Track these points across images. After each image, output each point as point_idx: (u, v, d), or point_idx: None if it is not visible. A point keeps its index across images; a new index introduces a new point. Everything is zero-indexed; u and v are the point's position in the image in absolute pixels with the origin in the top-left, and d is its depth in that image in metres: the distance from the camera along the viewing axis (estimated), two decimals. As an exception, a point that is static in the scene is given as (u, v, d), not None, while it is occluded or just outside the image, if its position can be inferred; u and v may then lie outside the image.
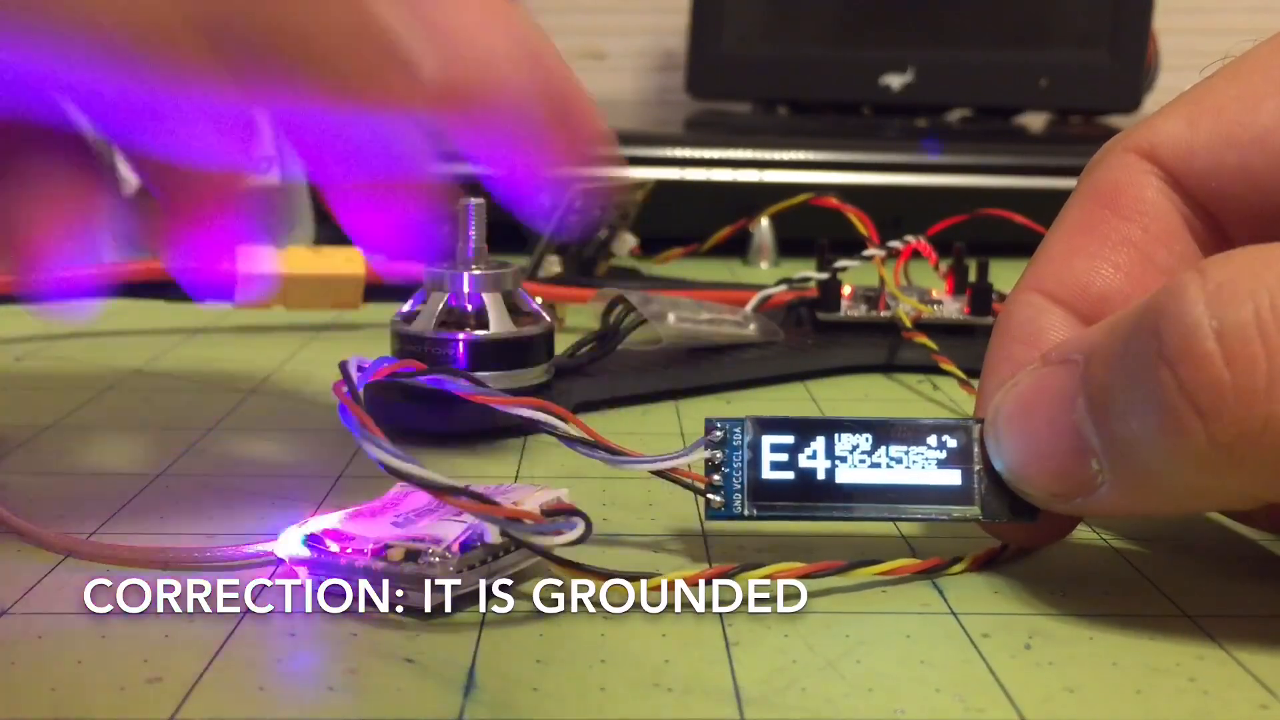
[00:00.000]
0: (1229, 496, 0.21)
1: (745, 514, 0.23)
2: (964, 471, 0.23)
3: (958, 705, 0.19)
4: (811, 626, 0.21)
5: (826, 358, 0.40)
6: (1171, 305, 0.19)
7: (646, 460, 0.24)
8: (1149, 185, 0.24)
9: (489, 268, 0.33)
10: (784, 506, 0.23)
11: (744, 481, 0.23)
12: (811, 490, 0.23)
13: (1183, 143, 0.24)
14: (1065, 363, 0.21)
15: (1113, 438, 0.20)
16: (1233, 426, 0.18)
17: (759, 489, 0.23)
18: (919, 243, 0.43)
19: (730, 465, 0.23)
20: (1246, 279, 0.19)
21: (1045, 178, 0.61)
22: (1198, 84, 0.24)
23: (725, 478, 0.23)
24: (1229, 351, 0.18)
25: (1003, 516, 0.23)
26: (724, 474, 0.23)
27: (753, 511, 0.23)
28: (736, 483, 0.23)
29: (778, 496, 0.23)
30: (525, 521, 0.21)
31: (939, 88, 0.83)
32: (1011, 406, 0.22)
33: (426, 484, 0.20)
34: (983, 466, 0.23)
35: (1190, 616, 0.22)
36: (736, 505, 0.23)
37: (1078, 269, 0.24)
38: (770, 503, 0.23)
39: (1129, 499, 0.21)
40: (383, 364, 0.23)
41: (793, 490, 0.23)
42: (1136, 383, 0.19)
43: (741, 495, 0.23)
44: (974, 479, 0.23)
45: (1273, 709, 0.19)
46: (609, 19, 1.10)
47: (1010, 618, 0.22)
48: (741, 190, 0.61)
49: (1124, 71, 0.80)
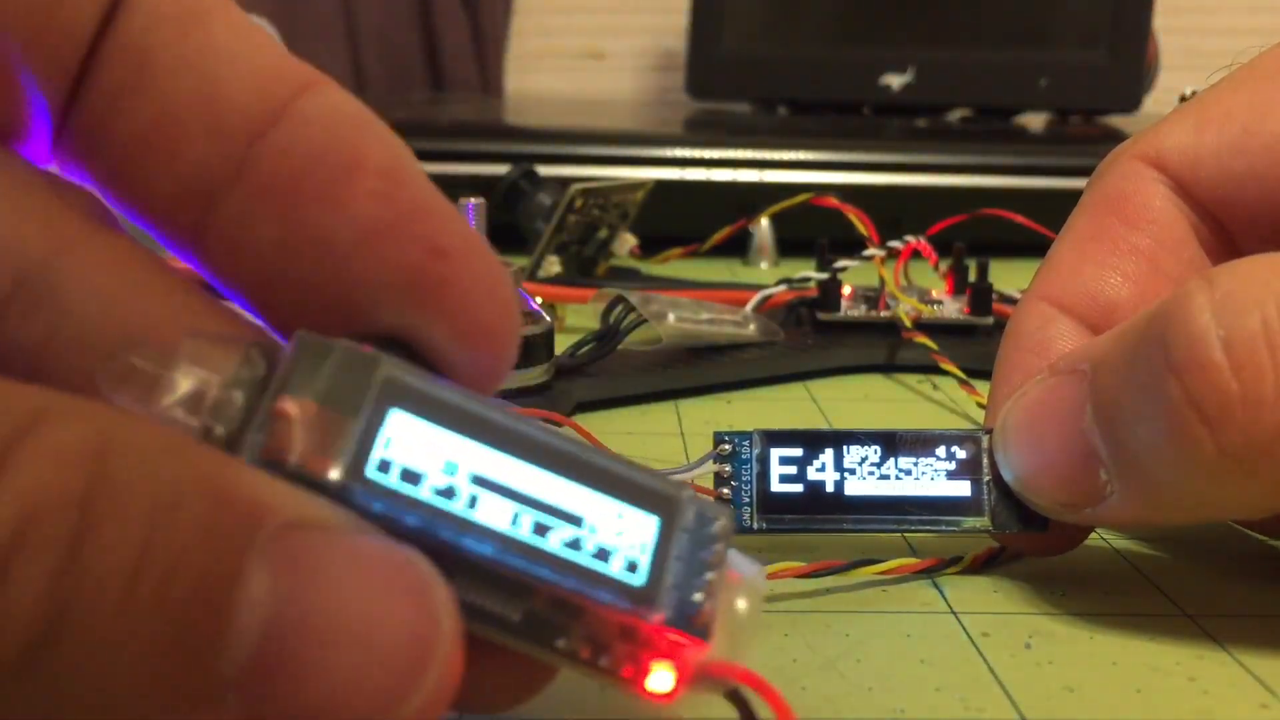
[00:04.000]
0: (1239, 506, 0.21)
1: (755, 527, 0.23)
2: (973, 482, 0.23)
3: (958, 705, 0.19)
4: (811, 626, 0.21)
5: (826, 358, 0.40)
6: (1178, 314, 0.19)
7: None
8: (1156, 193, 0.24)
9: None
10: (793, 519, 0.23)
11: (753, 495, 0.23)
12: (821, 503, 0.23)
13: (1190, 150, 0.24)
14: (1073, 372, 0.21)
15: (1121, 447, 0.20)
16: (1241, 436, 0.18)
17: (768, 502, 0.23)
18: (919, 243, 0.43)
19: (739, 479, 0.23)
20: (1254, 288, 0.18)
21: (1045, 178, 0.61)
22: (1204, 91, 0.24)
23: (734, 491, 0.23)
24: (1236, 361, 0.18)
25: (1013, 527, 0.23)
26: (733, 488, 0.23)
27: (762, 525, 0.23)
28: (745, 496, 0.23)
29: (787, 509, 0.23)
30: None
31: (939, 88, 0.83)
32: (1020, 417, 0.22)
33: None
34: (992, 477, 0.23)
35: (1190, 616, 0.22)
36: (746, 519, 0.23)
37: (1086, 278, 0.24)
38: (779, 515, 0.23)
39: (1138, 509, 0.21)
40: None
41: (802, 503, 0.23)
42: (1144, 392, 0.19)
43: (751, 509, 0.23)
44: (983, 490, 0.23)
45: (1273, 709, 0.19)
46: (609, 19, 1.10)
47: (1010, 617, 0.22)
48: (741, 190, 0.61)
49: (1124, 71, 0.80)
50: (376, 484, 0.14)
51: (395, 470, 0.14)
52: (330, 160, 0.16)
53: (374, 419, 0.15)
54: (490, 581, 0.15)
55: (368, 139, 0.16)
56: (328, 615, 0.13)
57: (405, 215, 0.16)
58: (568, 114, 0.90)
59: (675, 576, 0.15)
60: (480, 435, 0.15)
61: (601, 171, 0.59)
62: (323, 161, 0.16)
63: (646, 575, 0.15)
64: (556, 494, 0.15)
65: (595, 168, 0.59)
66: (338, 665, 0.13)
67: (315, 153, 0.16)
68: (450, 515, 0.15)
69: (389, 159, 0.16)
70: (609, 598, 0.15)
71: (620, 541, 0.15)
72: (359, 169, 0.16)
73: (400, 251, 0.16)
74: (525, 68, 1.11)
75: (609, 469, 0.15)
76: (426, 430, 0.15)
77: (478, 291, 0.16)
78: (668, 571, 0.15)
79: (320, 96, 0.16)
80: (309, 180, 0.16)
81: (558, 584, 0.15)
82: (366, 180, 0.16)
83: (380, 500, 0.14)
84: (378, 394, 0.15)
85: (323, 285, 0.16)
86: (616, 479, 0.15)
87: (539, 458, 0.15)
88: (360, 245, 0.16)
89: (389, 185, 0.16)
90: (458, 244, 0.16)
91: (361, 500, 0.14)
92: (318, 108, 0.16)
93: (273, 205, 0.16)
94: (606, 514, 0.15)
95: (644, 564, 0.15)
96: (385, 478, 0.14)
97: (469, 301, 0.16)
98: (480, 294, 0.16)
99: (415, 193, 0.16)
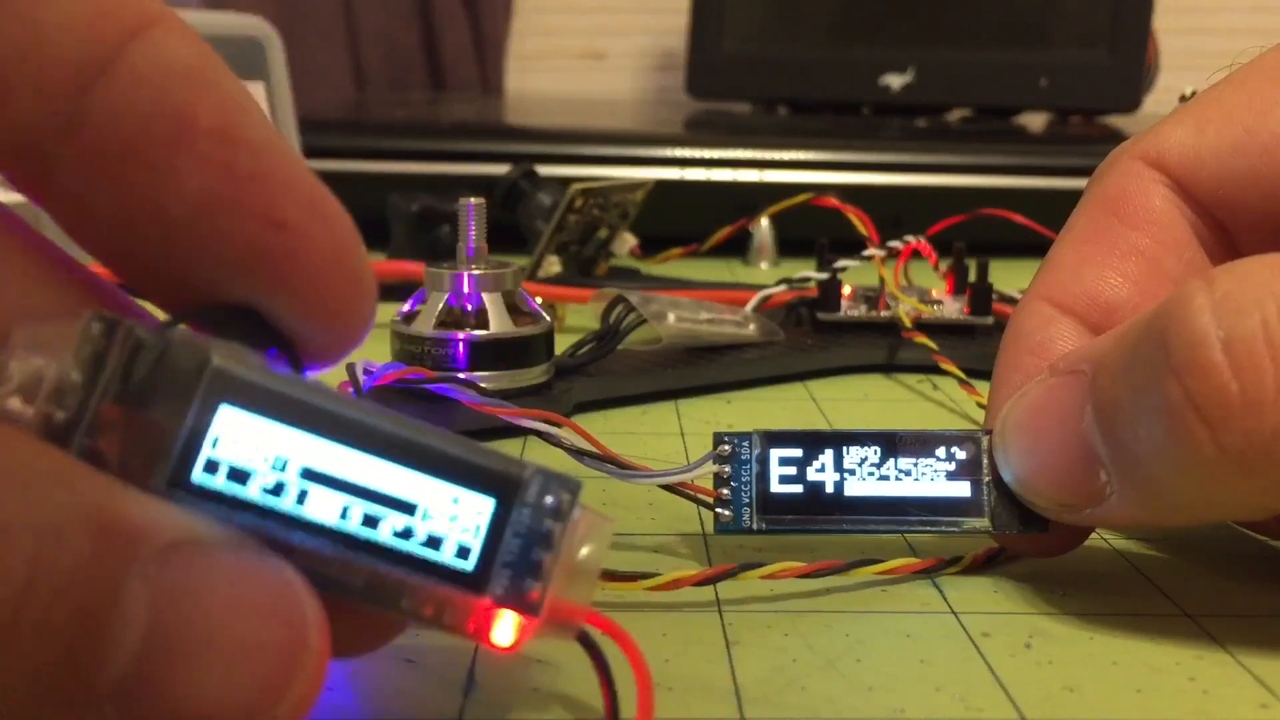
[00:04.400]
0: (1239, 507, 0.21)
1: (754, 528, 0.23)
2: (973, 483, 0.23)
3: (958, 704, 0.19)
4: (811, 626, 0.21)
5: (826, 358, 0.40)
6: (1178, 315, 0.19)
7: (655, 475, 0.24)
8: (1157, 193, 0.24)
9: (489, 267, 0.33)
10: (793, 520, 0.23)
11: (753, 495, 0.23)
12: (820, 503, 0.23)
13: (1190, 150, 0.24)
14: (1072, 374, 0.21)
15: (1121, 448, 0.20)
16: (1241, 436, 0.18)
17: (768, 503, 0.23)
18: (919, 243, 0.43)
19: (739, 479, 0.23)
20: (1253, 288, 0.18)
21: (1045, 178, 0.61)
22: (1205, 91, 0.24)
23: (734, 492, 0.23)
24: (1236, 361, 0.18)
25: (1013, 528, 0.23)
26: (732, 488, 0.23)
27: (762, 525, 0.23)
28: (745, 497, 0.23)
29: (787, 510, 0.23)
30: None
31: (939, 88, 0.83)
32: (1019, 417, 0.22)
33: None
34: (992, 478, 0.23)
35: (1190, 616, 0.22)
36: (745, 519, 0.23)
37: (1086, 278, 0.24)
38: (779, 516, 0.23)
39: (1138, 509, 0.21)
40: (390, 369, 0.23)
41: (801, 504, 0.23)
42: (1144, 393, 0.19)
43: (750, 509, 0.23)
44: (983, 490, 0.23)
45: (1273, 709, 0.19)
46: (609, 19, 1.10)
47: (1010, 617, 0.22)
48: (741, 190, 0.61)
49: (1124, 71, 0.80)
50: (202, 487, 0.15)
51: (223, 470, 0.15)
52: (159, 123, 0.15)
53: (202, 416, 0.15)
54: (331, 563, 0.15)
55: (200, 94, 0.15)
56: (198, 633, 0.14)
57: (239, 184, 0.15)
58: (568, 114, 0.90)
59: (510, 555, 0.15)
60: (313, 426, 0.15)
61: (601, 171, 0.59)
62: (151, 125, 0.15)
63: (477, 559, 0.15)
64: (390, 482, 0.15)
65: (595, 168, 0.59)
66: (206, 680, 0.13)
67: (143, 114, 0.15)
68: (278, 513, 0.15)
69: (222, 118, 0.15)
70: (439, 583, 0.15)
71: (453, 526, 0.15)
72: (189, 133, 0.15)
73: (234, 225, 0.15)
74: (525, 68, 1.11)
75: (446, 452, 0.15)
76: (257, 424, 0.15)
77: (319, 265, 0.16)
78: (501, 551, 0.15)
79: (152, 43, 0.15)
80: (137, 146, 0.15)
81: (387, 571, 0.15)
82: (197, 144, 0.15)
83: (207, 503, 0.15)
84: (206, 389, 0.15)
85: (165, 257, 0.16)
86: (454, 462, 0.15)
87: (374, 445, 0.15)
88: (193, 219, 0.15)
89: (222, 149, 0.15)
90: (297, 214, 0.15)
91: (187, 505, 0.15)
92: (148, 58, 0.15)
93: (104, 170, 0.15)
94: (441, 498, 0.15)
95: (476, 548, 0.15)
96: (212, 479, 0.15)
97: (309, 276, 0.16)
98: (321, 268, 0.16)
99: (250, 157, 0.15)
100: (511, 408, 0.24)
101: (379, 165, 0.61)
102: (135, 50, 0.15)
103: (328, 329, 0.16)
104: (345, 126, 0.70)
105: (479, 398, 0.24)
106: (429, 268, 0.33)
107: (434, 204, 0.53)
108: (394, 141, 0.63)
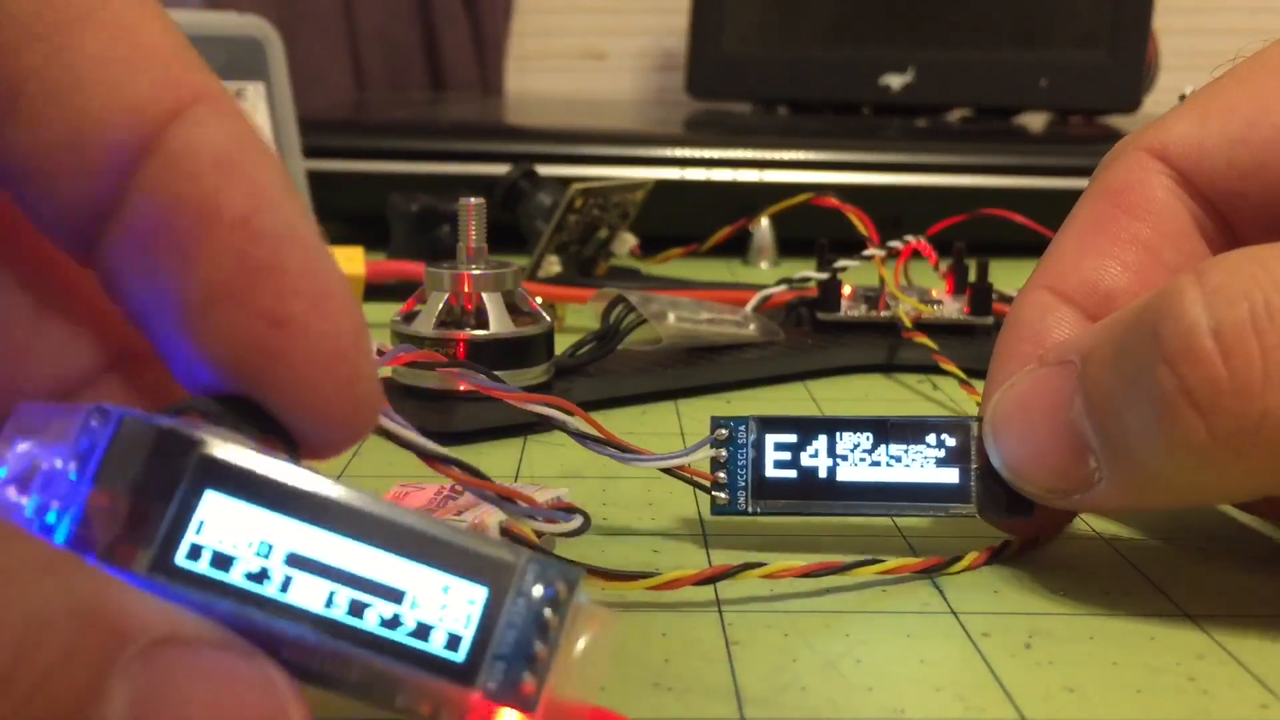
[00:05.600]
0: (1226, 489, 0.22)
1: (749, 510, 0.24)
2: (962, 470, 0.23)
3: (958, 704, 0.19)
4: (811, 626, 0.21)
5: (826, 358, 0.40)
6: (1170, 306, 0.19)
7: (655, 458, 0.24)
8: (1159, 185, 0.24)
9: (489, 267, 0.33)
10: (787, 503, 0.24)
11: (748, 479, 0.24)
12: (813, 488, 0.24)
13: (1193, 142, 0.24)
14: (1062, 364, 0.22)
15: (1111, 436, 0.21)
16: (1231, 420, 0.19)
17: (762, 486, 0.24)
18: (919, 243, 0.43)
19: (735, 463, 0.24)
20: (1242, 279, 0.19)
21: (1045, 178, 0.61)
22: (1208, 84, 0.25)
23: (730, 475, 0.24)
24: (1226, 349, 0.19)
25: (999, 513, 0.23)
26: (729, 471, 0.24)
27: (756, 508, 0.24)
28: (741, 480, 0.24)
29: (781, 494, 0.24)
30: (519, 503, 0.21)
31: (939, 88, 0.83)
32: (1008, 406, 0.23)
33: (418, 449, 0.19)
34: (980, 464, 0.23)
35: (1190, 616, 0.22)
36: (741, 502, 0.24)
37: (1087, 267, 0.24)
38: (773, 500, 0.24)
39: (1127, 494, 0.21)
40: (401, 351, 0.23)
41: (795, 488, 0.24)
42: (1135, 382, 0.20)
43: (746, 492, 0.24)
44: (971, 476, 0.23)
45: (1273, 709, 0.19)
46: (609, 19, 1.10)
47: (1010, 617, 0.22)
48: (741, 190, 0.61)
49: (1124, 71, 0.80)
50: (185, 572, 0.14)
51: (206, 556, 0.14)
52: (186, 212, 0.15)
53: (187, 502, 0.14)
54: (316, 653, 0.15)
55: (229, 181, 0.15)
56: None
57: (251, 277, 0.15)
58: (568, 114, 0.90)
59: (503, 646, 0.14)
60: (301, 512, 0.15)
61: (601, 171, 0.59)
62: (178, 212, 0.15)
63: (468, 650, 0.14)
64: (378, 569, 0.15)
65: (595, 168, 0.59)
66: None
67: (172, 201, 0.15)
68: (261, 599, 0.14)
69: (247, 206, 0.15)
70: (428, 675, 0.14)
71: (444, 615, 0.15)
72: (213, 222, 0.15)
73: (237, 322, 0.15)
74: (525, 68, 1.11)
75: (437, 537, 0.15)
76: (242, 510, 0.15)
77: (314, 367, 0.15)
78: (493, 642, 0.14)
79: (190, 125, 0.15)
80: (166, 233, 0.15)
81: (374, 662, 0.14)
82: (219, 234, 0.15)
83: (189, 589, 0.14)
84: (192, 476, 0.15)
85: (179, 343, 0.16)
86: (446, 549, 0.15)
87: (363, 532, 0.15)
88: (203, 311, 0.15)
89: (242, 240, 0.15)
90: (301, 309, 0.15)
91: (169, 593, 0.14)
92: (183, 141, 0.15)
93: (138, 254, 0.15)
94: (431, 587, 0.15)
95: (467, 638, 0.15)
96: (195, 564, 0.14)
97: (304, 377, 0.15)
98: (317, 370, 0.15)
99: (267, 249, 0.15)
100: (521, 392, 0.24)
101: (379, 165, 0.61)
102: (174, 133, 0.15)
103: (322, 430, 0.16)
104: (345, 126, 0.70)
105: (489, 382, 0.24)
106: (429, 268, 0.33)
107: (434, 204, 0.53)
108: (394, 141, 0.63)
